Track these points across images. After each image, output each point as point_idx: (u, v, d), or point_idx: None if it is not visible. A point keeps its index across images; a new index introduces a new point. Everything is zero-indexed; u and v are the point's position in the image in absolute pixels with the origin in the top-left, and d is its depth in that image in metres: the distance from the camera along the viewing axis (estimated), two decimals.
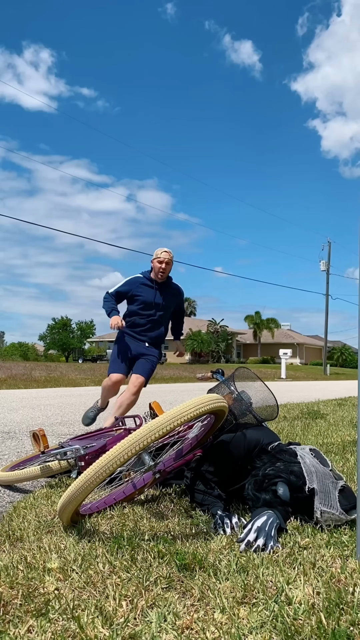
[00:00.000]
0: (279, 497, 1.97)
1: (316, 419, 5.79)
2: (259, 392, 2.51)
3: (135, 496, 2.33)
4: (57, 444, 3.14)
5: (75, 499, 1.84)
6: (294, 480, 2.00)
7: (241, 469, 2.24)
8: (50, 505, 2.33)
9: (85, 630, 1.20)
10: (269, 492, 2.01)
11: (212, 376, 3.16)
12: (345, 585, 1.44)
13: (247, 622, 1.24)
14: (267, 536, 1.75)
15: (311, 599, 1.34)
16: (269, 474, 2.07)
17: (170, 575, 1.50)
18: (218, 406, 2.02)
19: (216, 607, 1.31)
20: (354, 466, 2.94)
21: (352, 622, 1.22)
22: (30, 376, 17.04)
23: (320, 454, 2.18)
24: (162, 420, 1.83)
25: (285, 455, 2.14)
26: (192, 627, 1.23)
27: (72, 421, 5.83)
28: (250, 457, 2.24)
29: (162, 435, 1.84)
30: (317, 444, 3.85)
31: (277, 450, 2.21)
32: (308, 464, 2.05)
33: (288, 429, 4.69)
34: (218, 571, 1.53)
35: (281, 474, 2.04)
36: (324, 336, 39.64)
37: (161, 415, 1.86)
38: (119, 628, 1.21)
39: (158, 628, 1.22)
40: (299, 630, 1.19)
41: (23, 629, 1.22)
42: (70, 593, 1.41)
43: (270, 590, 1.41)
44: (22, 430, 4.98)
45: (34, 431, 2.82)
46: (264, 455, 2.21)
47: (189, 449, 2.31)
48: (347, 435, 4.38)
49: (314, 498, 1.95)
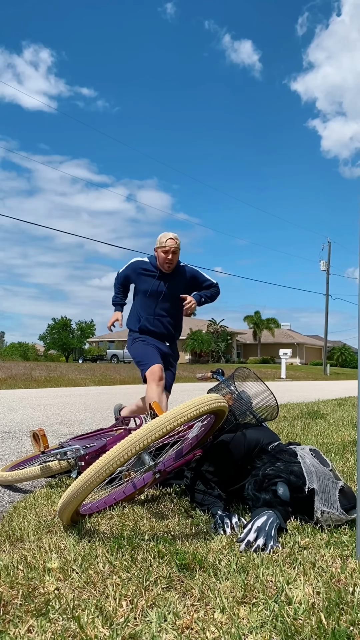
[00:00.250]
0: (279, 497, 1.97)
1: (316, 419, 5.79)
2: (259, 392, 2.51)
3: (135, 496, 2.33)
4: (57, 444, 3.14)
5: (75, 499, 1.84)
6: (294, 480, 2.00)
7: (241, 469, 2.24)
8: (50, 505, 2.33)
9: (85, 630, 1.20)
10: (269, 492, 2.01)
11: (212, 376, 3.16)
12: (345, 585, 1.44)
13: (247, 622, 1.24)
14: (267, 536, 1.75)
15: (311, 598, 1.34)
16: (269, 474, 2.07)
17: (170, 575, 1.50)
18: (218, 406, 2.02)
19: (216, 607, 1.31)
20: (354, 466, 2.94)
21: (352, 622, 1.22)
22: (30, 376, 17.04)
23: (321, 454, 2.18)
24: (162, 420, 1.83)
25: (286, 455, 2.14)
26: (192, 627, 1.23)
27: (72, 421, 5.83)
28: (250, 457, 2.24)
29: (162, 435, 1.84)
30: (317, 444, 3.85)
31: (277, 450, 2.21)
32: (308, 464, 2.05)
33: (288, 429, 4.69)
34: (218, 571, 1.53)
35: (281, 474, 2.04)
36: (324, 336, 39.64)
37: (161, 415, 1.87)
38: (119, 628, 1.21)
39: (158, 628, 1.22)
40: (299, 630, 1.19)
41: (23, 628, 1.22)
42: (70, 593, 1.41)
43: (270, 590, 1.41)
44: (22, 430, 4.98)
45: (34, 431, 2.82)
46: (264, 455, 2.21)
47: (189, 449, 2.31)
48: (347, 435, 4.38)
49: (314, 498, 1.95)
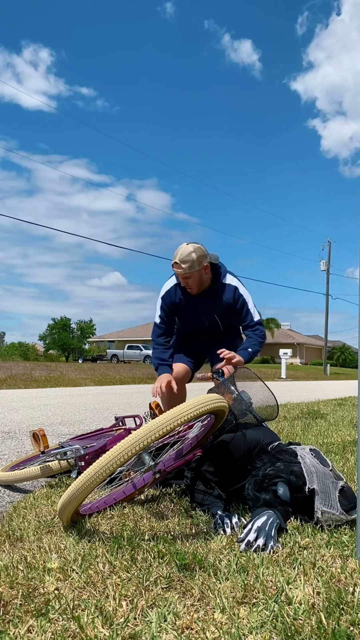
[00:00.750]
0: (279, 497, 1.97)
1: (316, 418, 5.79)
2: (259, 392, 2.51)
3: (135, 496, 2.33)
4: (57, 444, 3.14)
5: (75, 499, 1.84)
6: (294, 480, 2.00)
7: (241, 469, 2.24)
8: (50, 505, 2.33)
9: (85, 630, 1.20)
10: (269, 492, 2.01)
11: (212, 376, 3.15)
12: (345, 585, 1.44)
13: (247, 622, 1.24)
14: (267, 536, 1.75)
15: (311, 599, 1.34)
16: (269, 474, 2.07)
17: (170, 575, 1.50)
18: (218, 406, 2.02)
19: (216, 607, 1.31)
20: (354, 466, 2.94)
21: (352, 622, 1.22)
22: (30, 376, 17.04)
23: (321, 454, 2.18)
24: (162, 420, 1.83)
25: (286, 455, 2.14)
26: (192, 627, 1.23)
27: (72, 421, 5.83)
28: (250, 457, 2.24)
29: (162, 435, 1.84)
30: (317, 444, 3.85)
31: (277, 450, 2.21)
32: (308, 464, 2.05)
33: (288, 429, 4.69)
34: (218, 571, 1.53)
35: (281, 474, 2.04)
36: (324, 336, 39.64)
37: (161, 415, 1.86)
38: (119, 628, 1.21)
39: (158, 628, 1.22)
40: (299, 630, 1.19)
41: (23, 629, 1.22)
42: (70, 593, 1.40)
43: (270, 590, 1.41)
44: (22, 430, 4.98)
45: (34, 431, 2.82)
46: (264, 455, 2.21)
47: (189, 449, 2.31)
48: (347, 435, 4.38)
49: (315, 498, 1.95)
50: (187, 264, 2.84)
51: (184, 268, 2.84)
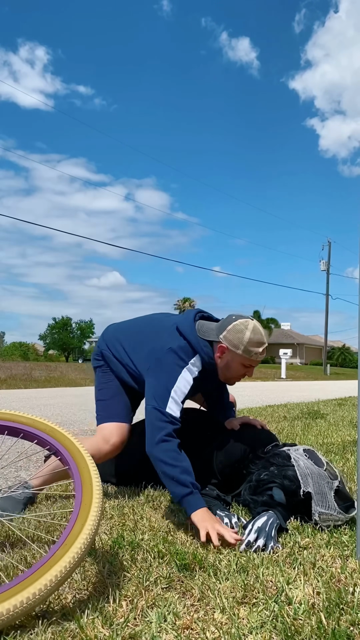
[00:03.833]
0: (275, 501, 1.97)
1: (316, 419, 5.79)
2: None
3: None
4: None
5: None
6: (288, 484, 1.99)
7: (238, 474, 2.24)
8: (50, 505, 2.33)
9: (85, 630, 1.20)
10: (264, 497, 2.00)
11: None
12: (345, 585, 1.44)
13: (247, 622, 1.24)
14: (268, 536, 1.75)
15: (311, 599, 1.34)
16: (263, 479, 2.05)
17: (170, 576, 1.50)
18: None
19: (216, 607, 1.31)
20: (354, 466, 2.94)
21: (352, 622, 1.22)
22: (30, 376, 17.03)
23: (315, 454, 2.15)
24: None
25: (279, 459, 2.11)
26: (192, 627, 1.23)
27: (72, 421, 5.83)
28: (246, 462, 2.23)
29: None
30: (317, 444, 3.85)
31: (270, 454, 2.19)
32: (302, 466, 2.03)
33: (288, 429, 4.69)
34: (218, 571, 1.53)
35: (275, 479, 2.02)
36: (324, 336, 39.64)
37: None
38: (119, 628, 1.21)
39: (158, 628, 1.22)
40: (299, 630, 1.19)
41: (23, 629, 1.22)
42: (70, 593, 1.41)
43: (270, 590, 1.41)
44: None
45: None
46: (257, 460, 2.20)
47: None
48: (347, 435, 4.39)
49: (311, 501, 1.94)
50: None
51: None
